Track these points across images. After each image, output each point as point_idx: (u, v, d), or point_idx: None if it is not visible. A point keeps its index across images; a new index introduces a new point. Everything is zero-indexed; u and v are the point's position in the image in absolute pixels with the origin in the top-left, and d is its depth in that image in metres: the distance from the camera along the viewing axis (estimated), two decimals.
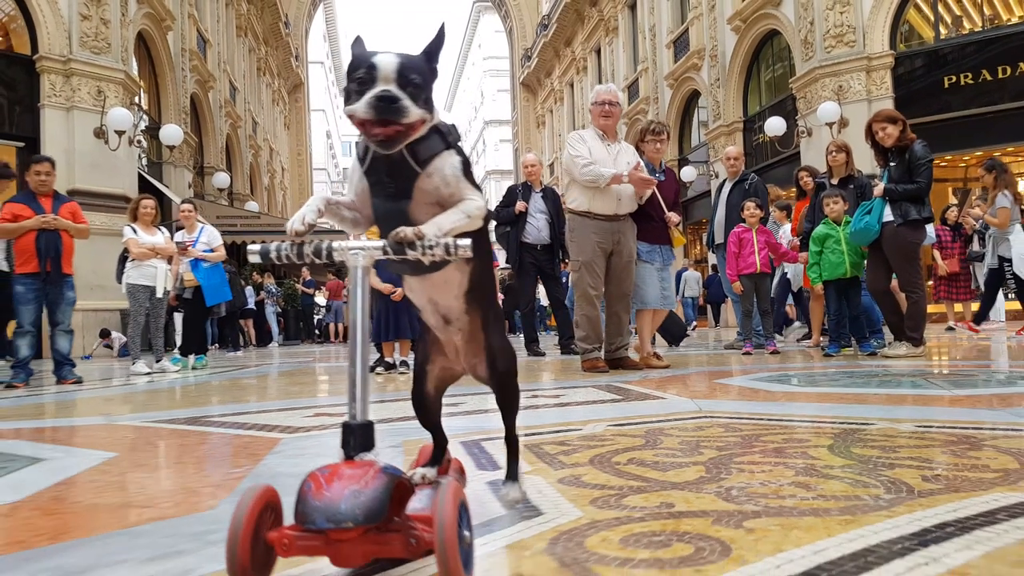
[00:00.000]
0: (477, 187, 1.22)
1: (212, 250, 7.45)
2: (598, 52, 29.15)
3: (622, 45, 26.21)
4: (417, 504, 1.08)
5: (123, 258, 7.51)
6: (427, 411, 1.39)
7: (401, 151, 1.14)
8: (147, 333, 7.13)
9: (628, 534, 1.17)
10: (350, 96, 1.10)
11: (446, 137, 1.19)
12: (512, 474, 1.41)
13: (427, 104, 1.12)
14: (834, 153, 6.14)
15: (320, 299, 21.48)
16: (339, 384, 5.18)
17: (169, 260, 7.17)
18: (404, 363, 5.72)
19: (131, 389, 5.21)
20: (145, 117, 15.10)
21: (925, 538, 1.08)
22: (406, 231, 1.05)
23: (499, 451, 1.94)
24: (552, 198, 7.45)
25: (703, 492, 1.43)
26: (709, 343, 9.44)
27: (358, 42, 1.16)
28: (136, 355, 7.01)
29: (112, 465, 2.07)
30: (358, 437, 0.97)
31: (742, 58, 17.62)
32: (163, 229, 7.43)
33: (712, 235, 7.44)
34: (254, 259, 1.10)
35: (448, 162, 1.18)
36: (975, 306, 9.21)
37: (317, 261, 1.08)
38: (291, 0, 35.35)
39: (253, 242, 1.07)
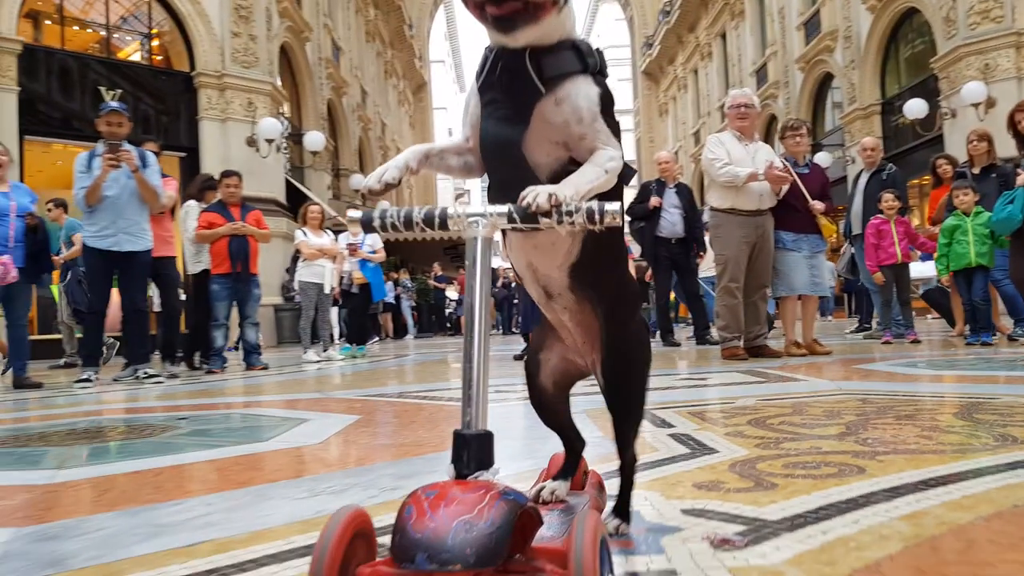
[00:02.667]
0: (617, 133, 1.01)
1: (375, 252, 8.29)
2: (723, 37, 28.69)
3: (749, 29, 25.72)
4: (546, 531, 0.90)
5: (295, 258, 8.49)
6: (548, 410, 1.18)
7: (524, 59, 0.95)
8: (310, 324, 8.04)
9: (787, 463, 1.62)
10: None
11: (584, 58, 0.98)
12: (622, 509, 1.15)
13: None
14: (975, 142, 6.14)
15: (452, 293, 22.46)
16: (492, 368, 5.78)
17: (333, 259, 8.05)
18: None
19: (313, 374, 6.01)
20: (288, 125, 16.40)
21: (1016, 466, 1.47)
22: (539, 194, 0.85)
23: (672, 415, 2.42)
24: (686, 193, 7.77)
25: (844, 440, 1.85)
26: (846, 334, 9.44)
27: None
28: (307, 344, 7.93)
29: (363, 423, 2.69)
30: (473, 451, 0.80)
31: (878, 38, 17.03)
32: (329, 231, 8.33)
33: (849, 225, 7.54)
34: (355, 227, 0.94)
35: (584, 91, 0.97)
36: None
37: (429, 231, 0.91)
38: (414, 3, 36.71)
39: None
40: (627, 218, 8.19)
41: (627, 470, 1.14)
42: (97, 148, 5.22)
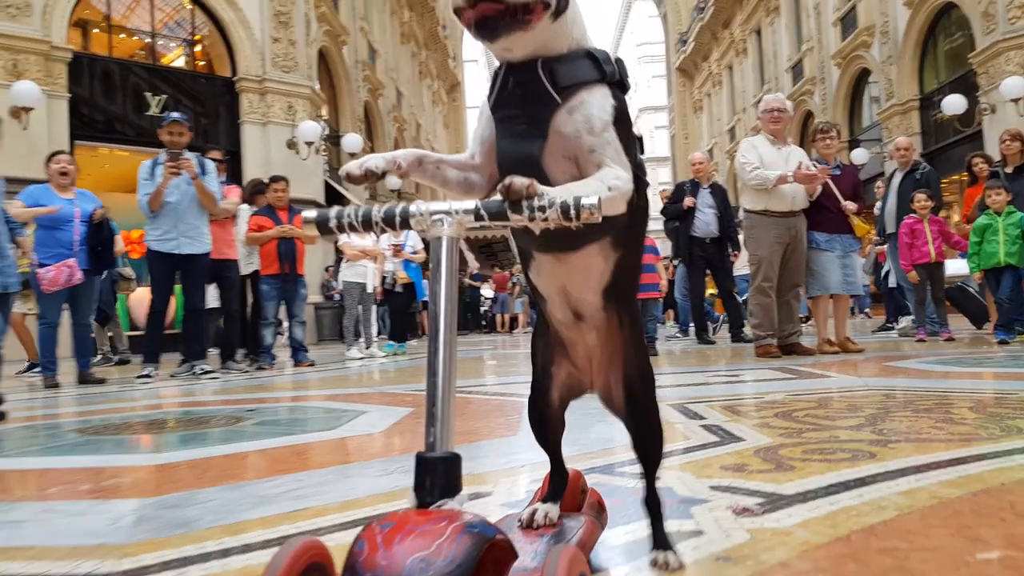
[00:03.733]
0: (631, 150, 0.95)
1: (416, 252, 8.56)
2: (758, 33, 28.53)
3: (784, 25, 25.56)
4: (530, 561, 0.85)
5: (338, 259, 8.79)
6: (549, 427, 1.13)
7: (536, 70, 0.91)
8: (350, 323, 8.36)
9: (806, 449, 1.80)
10: None
11: (602, 66, 0.94)
12: (660, 540, 1.06)
13: None
14: (1008, 141, 6.19)
15: (487, 291, 22.69)
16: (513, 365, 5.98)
17: (375, 260, 8.33)
18: None
19: (357, 370, 6.27)
20: (327, 127, 16.73)
21: (1014, 453, 1.64)
22: (515, 179, 0.79)
23: (704, 408, 2.60)
24: (720, 193, 7.89)
25: (861, 431, 2.03)
26: (871, 332, 9.48)
27: None
28: (350, 342, 8.23)
29: (416, 415, 2.92)
30: (438, 476, 0.72)
31: (916, 33, 16.86)
32: (371, 232, 8.60)
33: (883, 225, 7.60)
34: (310, 229, 0.87)
35: (599, 101, 0.92)
36: None
37: (388, 230, 0.85)
38: (447, 3, 36.82)
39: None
40: (661, 218, 8.35)
41: (655, 507, 1.07)
42: (160, 156, 5.54)
